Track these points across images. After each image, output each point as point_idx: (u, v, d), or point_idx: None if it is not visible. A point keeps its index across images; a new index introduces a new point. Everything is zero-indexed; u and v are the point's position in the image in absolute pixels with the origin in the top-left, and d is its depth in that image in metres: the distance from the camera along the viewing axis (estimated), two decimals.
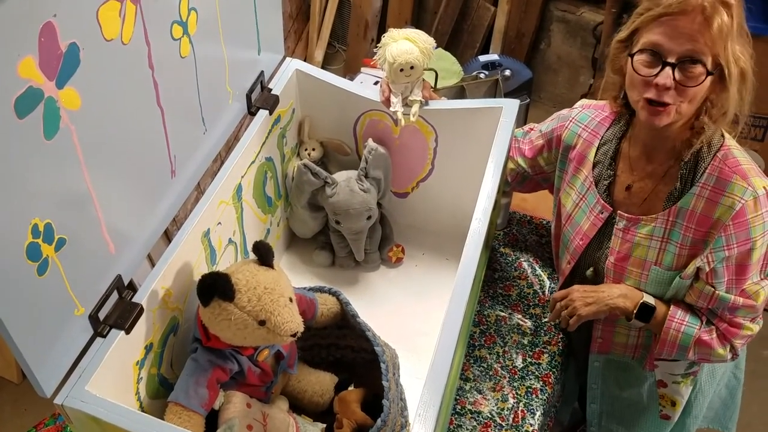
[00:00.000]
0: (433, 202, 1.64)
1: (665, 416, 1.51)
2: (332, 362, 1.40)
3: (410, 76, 1.42)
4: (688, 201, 1.23)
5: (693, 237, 1.24)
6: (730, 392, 1.58)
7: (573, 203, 1.40)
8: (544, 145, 1.47)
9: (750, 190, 1.18)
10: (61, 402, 0.97)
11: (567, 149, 1.42)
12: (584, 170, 1.38)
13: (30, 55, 0.78)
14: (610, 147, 1.34)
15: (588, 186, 1.36)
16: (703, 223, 1.22)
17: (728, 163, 1.21)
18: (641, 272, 1.31)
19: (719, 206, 1.20)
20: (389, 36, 1.41)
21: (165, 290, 1.14)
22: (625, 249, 1.31)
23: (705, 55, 1.11)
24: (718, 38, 1.10)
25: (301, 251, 1.67)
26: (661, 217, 1.26)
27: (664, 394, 1.47)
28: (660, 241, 1.28)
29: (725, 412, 1.60)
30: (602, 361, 1.47)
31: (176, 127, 1.15)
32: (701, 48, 1.11)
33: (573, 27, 3.02)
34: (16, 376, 2.30)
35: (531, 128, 1.53)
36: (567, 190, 1.42)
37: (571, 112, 1.43)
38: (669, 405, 1.48)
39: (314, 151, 1.60)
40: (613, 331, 1.41)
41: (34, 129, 0.82)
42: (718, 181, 1.20)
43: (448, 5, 3.12)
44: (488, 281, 1.64)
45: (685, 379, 1.43)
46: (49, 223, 0.89)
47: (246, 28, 1.34)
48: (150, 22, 1.00)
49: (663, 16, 1.12)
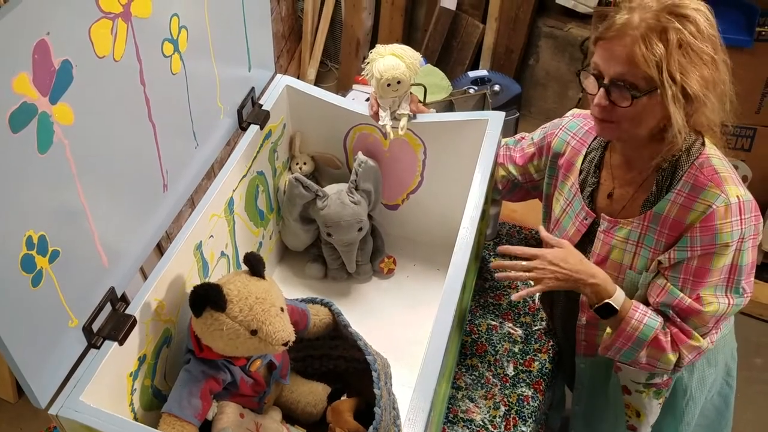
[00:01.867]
0: (424, 214, 1.66)
1: (631, 427, 1.49)
2: (325, 373, 1.41)
3: (397, 91, 1.45)
4: (663, 207, 1.25)
5: (666, 242, 1.26)
6: (723, 400, 1.58)
7: (561, 209, 1.43)
8: (534, 153, 1.50)
9: (723, 197, 1.20)
10: (56, 412, 0.99)
11: (556, 156, 1.45)
12: (571, 177, 1.41)
13: (24, 72, 0.81)
14: (595, 155, 1.37)
15: (574, 192, 1.39)
16: (676, 228, 1.24)
17: (705, 171, 1.23)
18: (617, 275, 1.33)
19: (692, 212, 1.22)
20: (376, 52, 1.44)
21: (158, 302, 1.16)
22: (604, 251, 1.34)
23: (636, 78, 1.14)
24: (651, 62, 1.12)
25: (293, 264, 1.69)
26: (637, 221, 1.28)
27: (629, 403, 1.46)
28: (635, 245, 1.30)
29: (720, 420, 1.61)
30: (588, 363, 1.48)
31: (168, 142, 1.17)
32: (631, 71, 1.14)
33: (561, 43, 3.06)
34: (12, 395, 2.30)
35: (522, 137, 1.56)
36: (557, 196, 1.45)
37: (562, 120, 1.46)
38: (634, 416, 1.47)
39: (305, 165, 1.63)
40: (596, 334, 1.42)
41: (28, 143, 0.84)
42: (693, 188, 1.23)
43: (437, 23, 3.17)
44: (479, 291, 1.66)
45: (647, 389, 1.42)
46: (43, 235, 0.91)
47: (236, 45, 1.37)
48: (141, 40, 1.03)
49: (601, 39, 1.17)
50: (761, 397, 2.34)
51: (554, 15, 3.07)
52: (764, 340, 2.51)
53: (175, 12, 1.11)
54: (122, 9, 0.97)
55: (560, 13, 3.05)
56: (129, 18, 0.99)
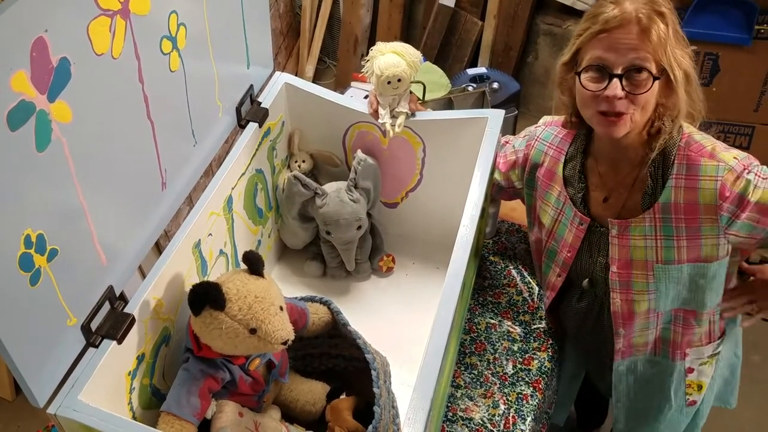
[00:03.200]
0: (423, 212, 1.66)
1: (692, 402, 1.51)
2: (324, 371, 1.41)
3: (397, 89, 1.44)
4: (668, 195, 1.26)
5: (687, 226, 1.26)
6: (731, 371, 1.60)
7: (551, 218, 1.43)
8: (516, 161, 1.50)
9: (722, 165, 1.21)
10: (54, 411, 0.98)
11: (534, 168, 1.45)
12: (557, 186, 1.41)
13: (22, 69, 0.80)
14: (576, 163, 1.37)
15: (563, 200, 1.39)
16: (692, 211, 1.25)
17: (692, 148, 1.24)
18: (646, 273, 1.32)
19: (700, 191, 1.23)
20: (377, 49, 1.44)
21: (156, 301, 1.15)
22: (624, 255, 1.33)
23: (648, 62, 1.16)
24: (657, 45, 1.15)
25: (292, 262, 1.69)
26: (648, 216, 1.28)
27: (690, 382, 1.48)
28: (654, 240, 1.29)
29: (726, 388, 1.62)
30: (626, 363, 1.48)
31: (166, 140, 1.17)
32: (644, 56, 1.16)
33: (559, 40, 3.06)
34: (10, 393, 2.30)
35: (506, 141, 1.55)
36: (543, 207, 1.45)
37: (536, 131, 1.46)
38: (696, 390, 1.49)
39: (304, 162, 1.62)
40: (632, 336, 1.42)
41: (26, 141, 0.84)
42: (689, 168, 1.24)
43: (436, 20, 3.16)
44: (478, 289, 1.66)
45: (711, 359, 1.45)
46: (42, 233, 0.90)
47: (235, 43, 1.37)
48: (140, 37, 1.02)
49: (602, 32, 1.18)
50: (759, 395, 2.34)
51: (553, 12, 3.07)
52: (762, 338, 2.51)
53: (174, 9, 1.11)
54: (121, 6, 0.96)
55: (559, 11, 3.05)
56: (127, 15, 0.98)
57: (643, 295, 1.34)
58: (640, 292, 1.34)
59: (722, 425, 2.15)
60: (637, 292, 1.34)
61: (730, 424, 2.18)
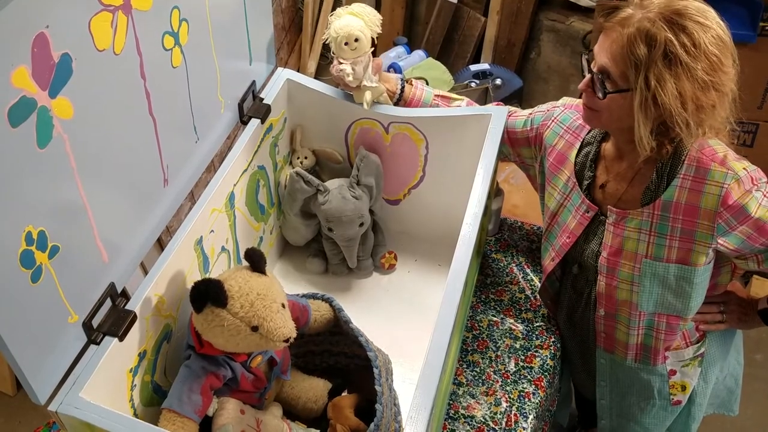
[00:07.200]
0: (425, 209, 1.65)
1: (677, 402, 1.52)
2: (326, 368, 1.40)
3: (356, 50, 1.40)
4: (671, 193, 1.26)
5: (682, 227, 1.26)
6: (735, 380, 1.60)
7: (557, 203, 1.42)
8: (528, 139, 1.49)
9: (730, 173, 1.21)
10: (55, 409, 0.98)
11: (547, 149, 1.44)
12: (566, 171, 1.40)
13: (23, 65, 0.80)
14: (591, 149, 1.37)
15: (572, 186, 1.39)
16: (691, 213, 1.24)
17: (705, 152, 1.24)
18: (633, 265, 1.32)
19: (703, 195, 1.23)
20: (335, 14, 1.42)
21: (158, 298, 1.15)
22: (616, 243, 1.33)
23: (615, 74, 1.17)
24: (630, 62, 1.14)
25: (294, 259, 1.69)
26: (647, 211, 1.28)
27: (674, 383, 1.48)
28: (648, 234, 1.30)
29: (730, 398, 1.62)
30: (608, 359, 1.48)
31: (168, 136, 1.16)
32: (614, 66, 1.16)
33: (562, 36, 3.05)
34: (11, 388, 2.30)
35: (513, 112, 1.53)
36: (549, 190, 1.45)
37: (554, 112, 1.45)
38: (680, 390, 1.49)
39: (306, 159, 1.62)
40: (614, 326, 1.42)
41: (27, 138, 0.83)
42: (698, 171, 1.23)
43: (439, 16, 3.15)
44: (480, 287, 1.65)
45: (693, 361, 1.45)
46: (43, 230, 0.90)
47: (237, 39, 1.36)
48: (141, 33, 1.01)
49: (603, 26, 1.19)
50: (761, 394, 2.34)
51: (556, 8, 3.05)
52: (764, 336, 2.51)
53: (176, 5, 1.10)
54: (122, 1, 0.95)
55: (562, 7, 3.03)
56: (129, 11, 0.98)
57: (627, 285, 1.35)
58: (624, 281, 1.35)
59: (723, 423, 2.15)
60: (622, 281, 1.35)
61: (732, 422, 2.18)
